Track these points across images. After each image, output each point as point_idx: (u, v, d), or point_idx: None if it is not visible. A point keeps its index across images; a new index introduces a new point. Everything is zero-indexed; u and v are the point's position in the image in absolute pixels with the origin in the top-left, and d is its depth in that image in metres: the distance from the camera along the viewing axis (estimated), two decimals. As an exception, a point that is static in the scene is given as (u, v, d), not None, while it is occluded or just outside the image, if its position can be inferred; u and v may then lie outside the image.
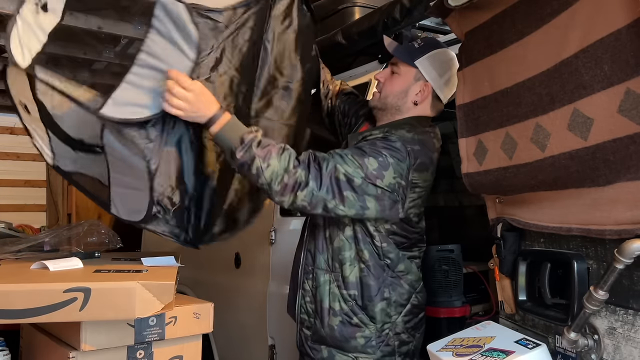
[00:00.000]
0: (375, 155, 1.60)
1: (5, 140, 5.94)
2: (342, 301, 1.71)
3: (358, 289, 1.70)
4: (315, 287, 1.77)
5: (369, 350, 1.68)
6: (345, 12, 2.64)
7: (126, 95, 1.50)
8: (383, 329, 1.69)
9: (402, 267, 1.73)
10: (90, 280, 1.46)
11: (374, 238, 1.69)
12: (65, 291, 1.40)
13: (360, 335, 1.69)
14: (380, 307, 1.69)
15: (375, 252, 1.70)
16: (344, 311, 1.70)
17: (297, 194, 1.55)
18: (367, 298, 1.69)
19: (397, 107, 1.79)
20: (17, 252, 1.95)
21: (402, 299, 1.72)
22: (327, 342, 1.73)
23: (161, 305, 1.51)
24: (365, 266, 1.70)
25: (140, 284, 1.46)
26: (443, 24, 2.22)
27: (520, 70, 1.26)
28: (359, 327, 1.69)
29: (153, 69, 1.51)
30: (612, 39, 1.02)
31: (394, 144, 1.63)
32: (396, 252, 1.71)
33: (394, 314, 1.71)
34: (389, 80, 1.80)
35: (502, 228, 1.47)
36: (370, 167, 1.59)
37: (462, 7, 1.43)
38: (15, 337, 1.89)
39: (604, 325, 1.18)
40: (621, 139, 1.01)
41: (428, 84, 1.77)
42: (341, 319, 1.70)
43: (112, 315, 1.47)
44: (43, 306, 1.39)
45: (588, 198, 1.13)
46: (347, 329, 1.70)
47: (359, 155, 1.61)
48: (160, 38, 1.48)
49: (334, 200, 1.58)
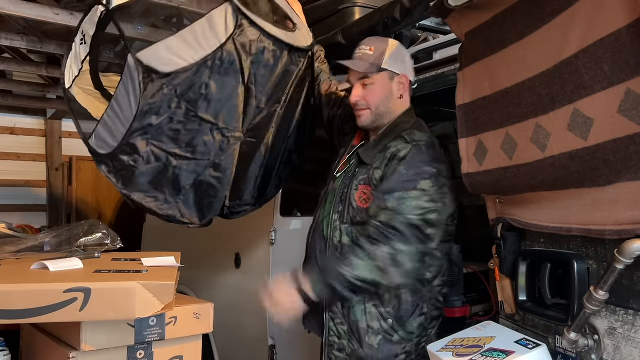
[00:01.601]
0: (422, 175, 1.64)
1: (5, 140, 5.94)
2: (380, 319, 1.69)
3: (394, 306, 1.69)
4: (348, 307, 1.73)
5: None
6: (345, 12, 2.63)
7: (102, 132, 1.83)
8: (420, 342, 1.71)
9: (439, 282, 1.74)
10: (90, 280, 1.46)
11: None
12: (65, 291, 1.40)
13: (402, 351, 1.69)
14: (419, 322, 1.70)
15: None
16: (383, 329, 1.69)
17: (399, 265, 1.57)
18: (405, 314, 1.68)
19: (389, 109, 1.83)
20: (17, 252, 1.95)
21: (437, 313, 1.76)
22: None
23: (161, 305, 1.51)
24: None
25: (140, 284, 1.46)
26: (443, 24, 2.22)
27: (520, 70, 1.26)
28: (400, 344, 1.69)
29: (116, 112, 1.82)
30: (612, 39, 1.02)
31: (430, 152, 1.69)
32: (438, 265, 1.71)
33: (430, 328, 1.73)
34: (368, 94, 1.81)
35: (502, 228, 1.47)
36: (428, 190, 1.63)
37: (462, 7, 1.43)
38: (15, 337, 1.88)
39: (604, 325, 1.18)
40: (621, 139, 1.01)
41: (402, 74, 1.83)
42: (382, 337, 1.69)
43: (112, 315, 1.46)
44: (43, 306, 1.39)
45: (588, 198, 1.13)
46: (389, 346, 1.68)
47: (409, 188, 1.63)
48: (122, 87, 1.78)
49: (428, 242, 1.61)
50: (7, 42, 4.08)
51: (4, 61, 4.79)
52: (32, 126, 6.11)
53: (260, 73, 1.91)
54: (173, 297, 1.52)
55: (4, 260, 1.82)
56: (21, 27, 4.40)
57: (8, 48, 4.89)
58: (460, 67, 1.55)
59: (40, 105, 5.83)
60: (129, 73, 1.72)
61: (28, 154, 6.05)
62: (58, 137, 6.17)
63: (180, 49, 1.77)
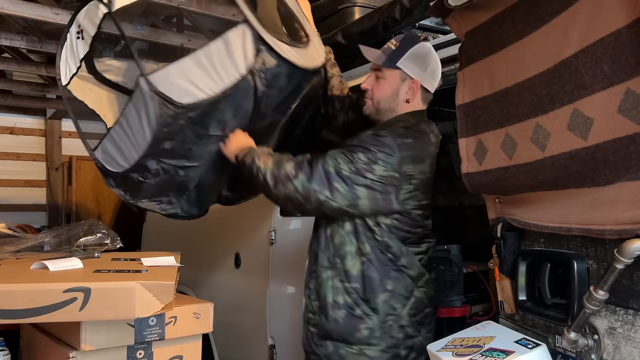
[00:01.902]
0: (364, 151, 1.66)
1: (5, 140, 5.94)
2: (345, 294, 1.74)
3: (360, 282, 1.73)
4: (319, 284, 1.80)
5: (373, 341, 1.71)
6: (345, 12, 2.64)
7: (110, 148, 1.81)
8: (386, 320, 1.71)
9: (404, 262, 1.74)
10: (90, 280, 1.46)
11: (374, 232, 1.72)
12: (65, 291, 1.40)
13: (364, 326, 1.71)
14: (383, 299, 1.71)
15: (377, 246, 1.72)
16: (347, 304, 1.73)
17: (287, 186, 1.66)
18: (369, 290, 1.71)
19: (391, 108, 1.84)
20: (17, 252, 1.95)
21: (406, 292, 1.74)
22: (332, 337, 1.75)
23: (161, 305, 1.51)
24: (367, 259, 1.72)
25: (140, 284, 1.46)
26: (443, 24, 2.22)
27: (520, 70, 1.26)
28: (362, 319, 1.71)
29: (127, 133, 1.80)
30: (612, 39, 1.02)
31: (382, 139, 1.68)
32: (399, 247, 1.73)
33: (398, 306, 1.73)
34: (376, 86, 1.85)
35: (502, 228, 1.47)
36: (359, 162, 1.65)
37: (462, 7, 1.43)
38: (15, 337, 1.89)
39: (604, 325, 1.18)
40: (621, 139, 1.01)
41: (415, 80, 1.81)
42: (345, 312, 1.73)
43: (112, 315, 1.47)
44: (43, 306, 1.39)
45: (588, 198, 1.13)
46: (351, 321, 1.72)
47: (348, 152, 1.68)
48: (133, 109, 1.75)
49: (325, 192, 1.64)
50: (7, 42, 4.08)
51: (4, 61, 4.79)
52: (32, 126, 6.11)
53: (273, 93, 1.88)
54: (173, 297, 1.52)
55: (3, 260, 1.82)
56: (21, 27, 4.39)
57: (8, 48, 4.89)
58: (460, 67, 1.55)
59: (40, 105, 5.83)
60: (143, 99, 1.69)
61: (28, 154, 6.05)
62: (58, 137, 6.18)
63: (198, 77, 1.71)
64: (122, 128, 1.76)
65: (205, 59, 1.72)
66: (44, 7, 3.51)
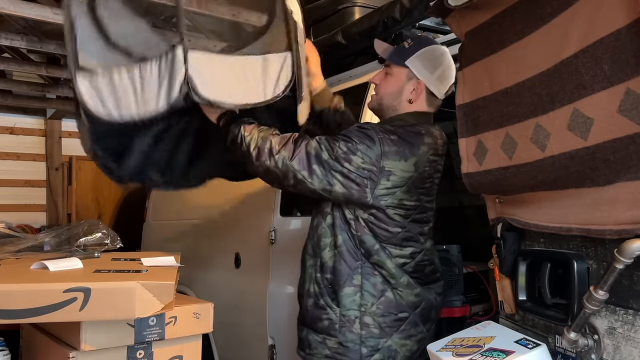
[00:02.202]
0: (345, 140, 1.68)
1: (5, 140, 5.95)
2: (315, 284, 1.79)
3: (331, 273, 1.76)
4: (304, 271, 1.87)
5: (332, 332, 1.73)
6: (345, 12, 2.64)
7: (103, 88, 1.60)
8: (347, 314, 1.72)
9: (376, 259, 1.73)
10: (90, 280, 1.46)
11: (350, 226, 1.74)
12: (65, 291, 1.40)
13: (326, 317, 1.75)
14: (346, 292, 1.72)
15: (350, 240, 1.74)
16: (315, 293, 1.79)
17: (269, 159, 1.68)
18: (336, 283, 1.74)
19: (393, 107, 1.84)
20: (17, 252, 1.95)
21: (375, 291, 1.72)
22: (305, 322, 1.82)
23: (161, 305, 1.51)
24: (338, 252, 1.75)
25: (140, 284, 1.46)
26: (443, 24, 2.22)
27: (520, 70, 1.26)
28: (324, 310, 1.75)
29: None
30: (612, 39, 1.02)
31: (365, 132, 1.69)
32: (372, 243, 1.72)
33: (365, 303, 1.72)
34: (384, 82, 1.86)
35: (502, 228, 1.47)
36: (339, 150, 1.66)
37: (462, 7, 1.43)
38: (15, 337, 1.89)
39: (604, 325, 1.18)
40: (621, 139, 1.01)
41: (421, 81, 1.80)
42: (313, 300, 1.79)
43: (112, 315, 1.46)
44: (43, 306, 1.39)
45: (588, 198, 1.13)
46: (315, 310, 1.78)
47: (332, 139, 1.70)
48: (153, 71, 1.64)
49: (304, 172, 1.66)
50: (7, 42, 4.08)
51: (4, 61, 4.79)
52: (32, 126, 6.11)
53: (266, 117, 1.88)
54: (173, 297, 1.52)
55: (4, 260, 1.82)
56: (21, 27, 4.40)
57: (8, 48, 4.89)
58: (460, 67, 1.55)
59: (40, 105, 5.83)
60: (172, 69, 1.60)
61: (28, 154, 6.05)
62: (58, 137, 6.18)
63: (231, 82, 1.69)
64: (132, 80, 1.61)
65: (245, 69, 1.70)
66: (44, 7, 3.51)
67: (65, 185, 6.14)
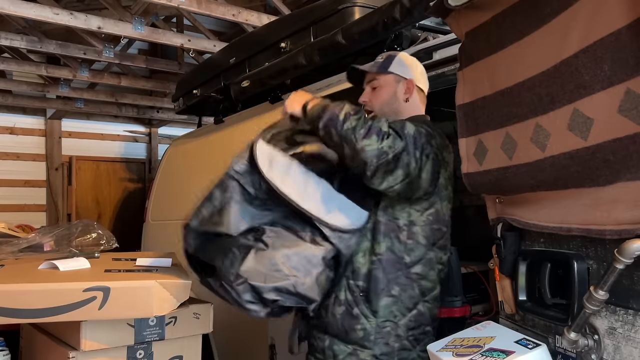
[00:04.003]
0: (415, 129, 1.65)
1: (5, 140, 5.96)
2: (348, 291, 1.71)
3: (366, 281, 1.69)
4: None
5: (367, 344, 1.68)
6: (345, 12, 2.63)
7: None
8: (384, 325, 1.68)
9: (419, 270, 1.70)
10: (107, 280, 1.46)
11: (401, 231, 1.69)
12: (85, 290, 1.40)
13: (360, 327, 1.68)
14: (385, 303, 1.68)
15: (393, 248, 1.69)
16: (347, 301, 1.71)
17: (382, 139, 1.53)
18: (373, 291, 1.68)
19: (395, 110, 1.84)
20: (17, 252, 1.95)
21: (410, 303, 1.71)
22: (329, 331, 1.73)
23: (178, 303, 1.51)
24: (377, 259, 1.69)
25: (158, 282, 1.46)
26: (443, 24, 2.22)
27: (520, 70, 1.26)
28: (357, 319, 1.69)
29: None
30: (612, 39, 1.02)
31: (424, 125, 1.70)
32: (421, 252, 1.70)
33: (399, 315, 1.69)
34: (374, 96, 1.88)
35: (502, 228, 1.47)
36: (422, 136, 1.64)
37: (462, 7, 1.43)
38: (15, 337, 1.89)
39: (604, 325, 1.18)
40: (621, 139, 1.01)
41: (409, 79, 1.86)
42: (345, 308, 1.71)
43: (131, 313, 1.47)
44: (62, 305, 1.39)
45: (588, 198, 1.13)
46: (348, 319, 1.70)
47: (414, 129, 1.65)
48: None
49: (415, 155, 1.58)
50: (7, 42, 4.09)
51: (4, 61, 4.80)
52: (32, 126, 6.12)
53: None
54: (188, 296, 1.53)
55: (4, 260, 1.82)
56: (21, 27, 4.40)
57: (8, 48, 4.89)
58: (460, 67, 1.55)
59: (40, 105, 5.84)
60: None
61: (28, 154, 6.06)
62: (58, 137, 6.18)
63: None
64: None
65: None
66: (44, 7, 3.51)
67: (65, 185, 6.14)
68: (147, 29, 3.91)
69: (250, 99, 3.23)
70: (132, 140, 6.77)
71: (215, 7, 3.63)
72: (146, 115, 6.35)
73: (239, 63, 3.27)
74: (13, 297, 1.36)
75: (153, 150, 6.87)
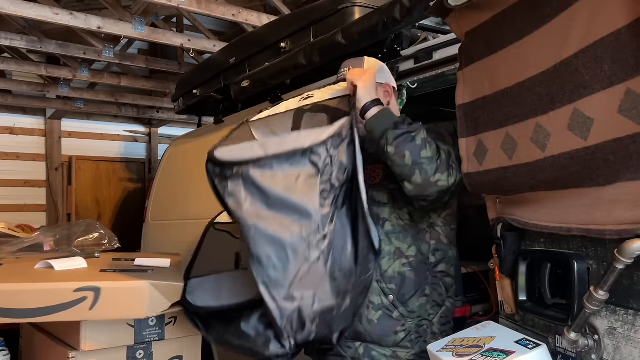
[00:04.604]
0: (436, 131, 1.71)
1: (5, 140, 5.95)
2: (382, 295, 1.71)
3: (397, 283, 1.71)
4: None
5: (408, 344, 1.69)
6: (345, 12, 2.63)
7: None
8: (421, 324, 1.72)
9: (443, 268, 1.76)
10: (99, 280, 1.46)
11: (425, 233, 1.74)
12: (76, 290, 1.40)
13: (402, 329, 1.70)
14: (420, 303, 1.71)
15: (421, 249, 1.73)
16: (384, 305, 1.70)
17: (449, 175, 1.57)
18: (407, 293, 1.70)
19: None
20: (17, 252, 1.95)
21: (439, 299, 1.75)
22: (365, 338, 1.72)
23: (169, 304, 1.51)
24: (407, 262, 1.71)
25: (150, 283, 1.46)
26: (443, 24, 2.22)
27: (520, 70, 1.26)
28: (400, 321, 1.70)
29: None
30: (612, 39, 1.02)
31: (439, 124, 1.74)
32: (443, 251, 1.76)
33: (432, 313, 1.73)
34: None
35: (502, 228, 1.47)
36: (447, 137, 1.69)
37: (462, 7, 1.43)
38: (15, 337, 1.89)
39: (604, 325, 1.18)
40: (621, 139, 1.01)
41: (385, 83, 1.84)
42: (382, 313, 1.70)
43: (122, 314, 1.47)
44: (53, 305, 1.39)
45: (588, 198, 1.13)
46: (388, 322, 1.69)
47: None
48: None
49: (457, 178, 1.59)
50: (7, 42, 4.09)
51: (4, 61, 4.80)
52: (32, 126, 6.12)
53: None
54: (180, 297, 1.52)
55: (4, 260, 1.82)
56: (21, 27, 4.40)
57: (8, 48, 4.89)
58: (460, 67, 1.55)
59: (40, 105, 5.84)
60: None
61: (28, 154, 6.06)
62: (58, 137, 6.18)
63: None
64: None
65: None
66: (44, 7, 3.51)
67: (65, 185, 6.14)
68: (147, 29, 3.90)
69: (250, 99, 3.23)
70: (132, 140, 6.77)
71: (215, 7, 3.63)
72: (146, 115, 6.35)
73: (239, 63, 3.27)
74: (5, 297, 1.36)
75: (153, 150, 6.87)
